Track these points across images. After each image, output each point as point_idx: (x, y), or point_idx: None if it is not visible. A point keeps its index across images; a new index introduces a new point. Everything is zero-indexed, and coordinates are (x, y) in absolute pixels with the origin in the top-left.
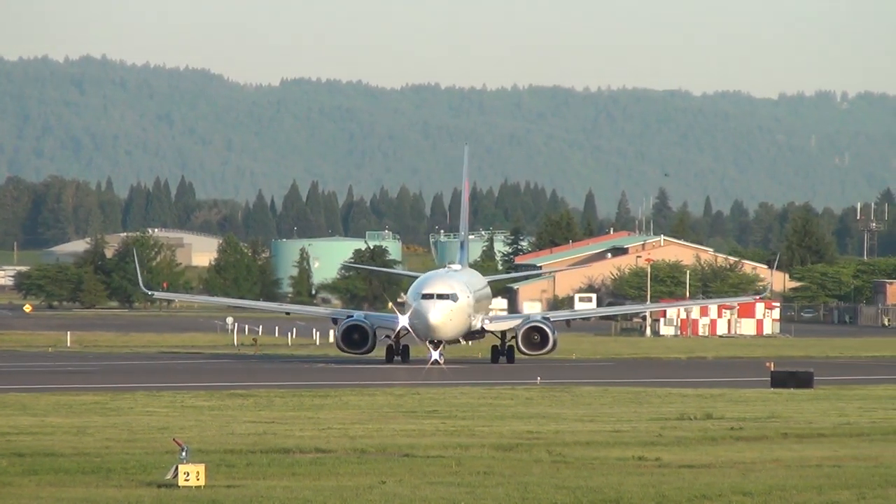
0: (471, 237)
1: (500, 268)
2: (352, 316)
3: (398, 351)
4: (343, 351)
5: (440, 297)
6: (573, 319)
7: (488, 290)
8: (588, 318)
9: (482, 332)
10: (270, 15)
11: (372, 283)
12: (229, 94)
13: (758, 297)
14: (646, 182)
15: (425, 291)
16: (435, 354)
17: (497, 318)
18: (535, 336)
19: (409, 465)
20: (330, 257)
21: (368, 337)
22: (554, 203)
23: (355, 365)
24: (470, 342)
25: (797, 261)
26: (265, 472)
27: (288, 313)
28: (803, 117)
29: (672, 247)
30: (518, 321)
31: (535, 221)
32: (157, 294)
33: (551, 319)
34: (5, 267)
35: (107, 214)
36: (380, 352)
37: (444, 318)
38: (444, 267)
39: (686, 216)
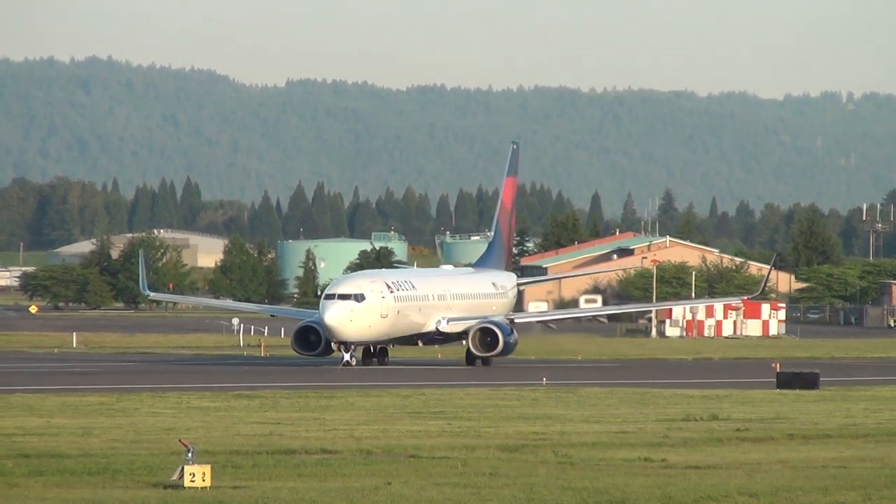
0: (475, 238)
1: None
2: (313, 317)
3: (375, 353)
4: (297, 353)
5: (341, 297)
6: (553, 320)
7: (510, 292)
8: (579, 319)
9: (440, 334)
10: (276, 16)
11: None
12: (235, 95)
13: (745, 298)
14: (652, 183)
15: (328, 292)
16: (346, 356)
17: (455, 318)
18: (487, 337)
19: (415, 466)
20: (336, 258)
21: (322, 339)
22: (560, 204)
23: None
24: (421, 343)
25: (803, 262)
26: (271, 472)
27: (273, 315)
28: (809, 118)
29: (678, 248)
30: (475, 321)
31: (540, 222)
32: (154, 295)
33: (517, 321)
34: (11, 268)
35: (112, 215)
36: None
37: (343, 319)
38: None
39: (692, 217)
